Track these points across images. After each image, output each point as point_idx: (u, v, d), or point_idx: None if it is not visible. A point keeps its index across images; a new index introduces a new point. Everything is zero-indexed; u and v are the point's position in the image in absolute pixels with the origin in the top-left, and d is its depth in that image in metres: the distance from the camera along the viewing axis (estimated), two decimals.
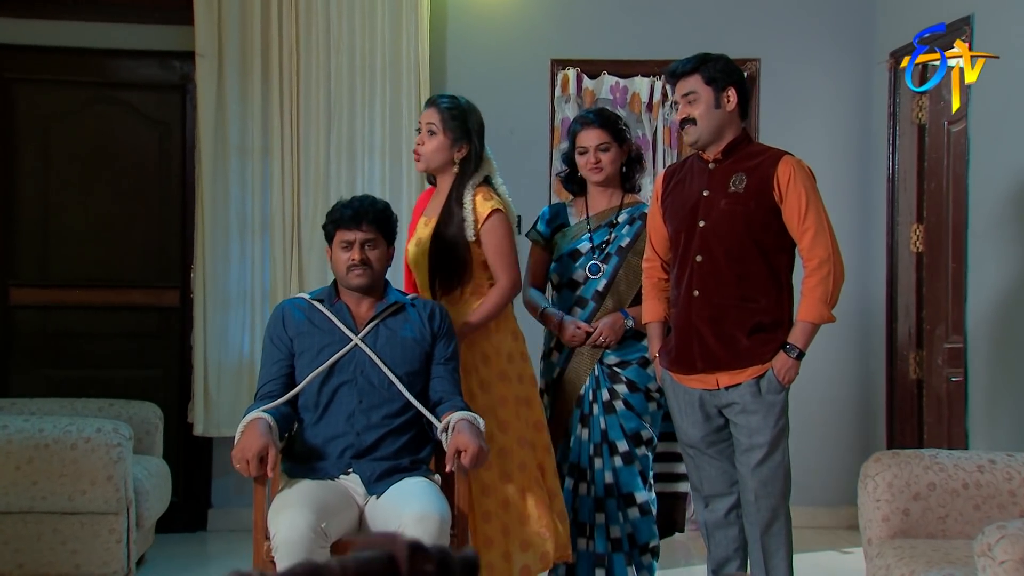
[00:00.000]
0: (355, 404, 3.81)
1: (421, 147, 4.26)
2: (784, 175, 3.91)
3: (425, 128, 4.25)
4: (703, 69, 4.01)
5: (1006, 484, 3.68)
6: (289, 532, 3.41)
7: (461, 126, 4.23)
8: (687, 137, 4.05)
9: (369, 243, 3.90)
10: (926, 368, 6.08)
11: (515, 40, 6.39)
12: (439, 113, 4.24)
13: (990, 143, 5.19)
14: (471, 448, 3.55)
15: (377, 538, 1.11)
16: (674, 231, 4.10)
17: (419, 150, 4.27)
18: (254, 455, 3.52)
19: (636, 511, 4.34)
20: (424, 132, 4.26)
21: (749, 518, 4.05)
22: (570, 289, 4.47)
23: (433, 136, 4.23)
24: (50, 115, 6.30)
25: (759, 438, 3.95)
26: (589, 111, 4.70)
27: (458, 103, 4.28)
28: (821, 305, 3.88)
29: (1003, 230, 5.05)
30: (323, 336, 3.88)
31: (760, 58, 6.35)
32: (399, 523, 3.46)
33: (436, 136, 4.23)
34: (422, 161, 4.28)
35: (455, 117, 4.23)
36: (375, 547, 1.11)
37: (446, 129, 4.22)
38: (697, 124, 3.98)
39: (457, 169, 4.25)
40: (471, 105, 4.33)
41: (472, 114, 4.29)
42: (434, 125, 4.23)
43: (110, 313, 6.33)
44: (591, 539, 4.36)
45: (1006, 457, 3.75)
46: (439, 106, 4.27)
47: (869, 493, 3.77)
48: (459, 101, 4.30)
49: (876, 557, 3.64)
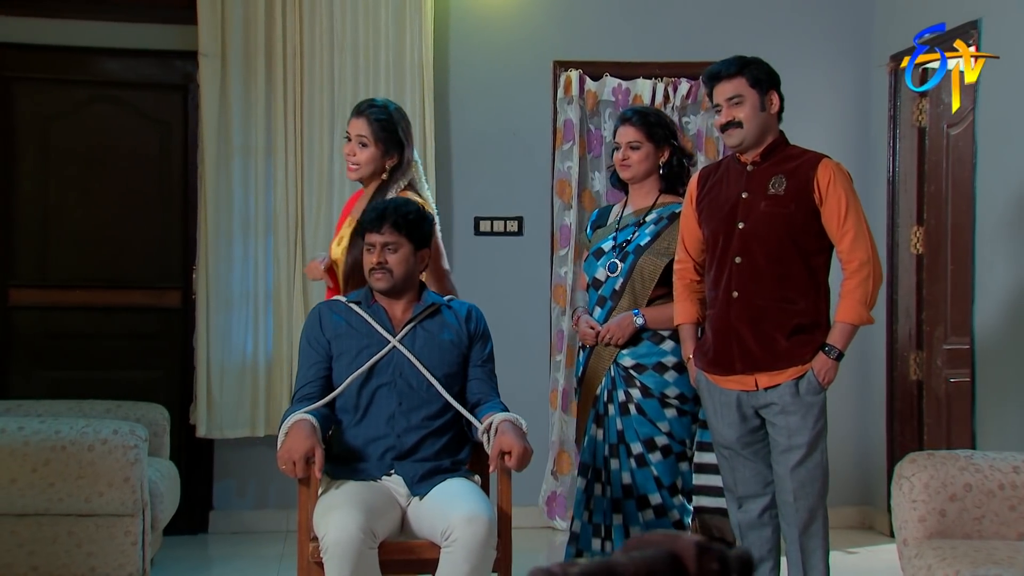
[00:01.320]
0: (395, 406, 3.81)
1: (353, 158, 4.29)
2: (824, 178, 3.94)
3: (356, 139, 4.28)
4: (748, 72, 4.02)
5: None
6: (339, 533, 3.41)
7: (392, 136, 4.27)
8: (730, 140, 4.05)
9: (390, 246, 3.89)
10: (926, 369, 6.16)
11: (518, 42, 6.42)
12: (369, 125, 4.27)
13: (997, 146, 5.27)
14: (516, 449, 3.58)
15: (656, 537, 1.11)
16: (711, 233, 4.11)
17: (352, 161, 4.31)
18: (301, 456, 3.52)
19: (651, 513, 4.34)
20: (355, 143, 4.29)
21: (787, 519, 4.07)
22: (595, 288, 4.50)
23: (365, 148, 4.27)
24: (50, 115, 6.25)
25: (798, 439, 3.98)
26: (631, 109, 4.70)
27: (388, 112, 4.30)
28: (861, 307, 3.92)
29: (1012, 232, 5.13)
30: (361, 338, 3.88)
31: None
32: (447, 524, 3.47)
33: (368, 148, 4.27)
34: (356, 172, 4.33)
35: (385, 128, 4.27)
36: (655, 546, 1.11)
37: (377, 140, 4.26)
38: (743, 127, 4.00)
39: (387, 176, 4.30)
40: (400, 112, 4.37)
41: (401, 122, 4.32)
42: (365, 137, 4.27)
43: (111, 314, 6.28)
44: (607, 540, 4.37)
45: None
46: (369, 118, 4.28)
47: (905, 494, 3.79)
48: (389, 109, 4.32)
49: (915, 558, 3.66)
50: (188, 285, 6.24)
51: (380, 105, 4.34)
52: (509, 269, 6.29)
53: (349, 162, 4.33)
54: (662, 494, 4.33)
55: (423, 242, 3.97)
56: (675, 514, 4.35)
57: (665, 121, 4.53)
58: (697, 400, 4.34)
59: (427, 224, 3.99)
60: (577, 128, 6.34)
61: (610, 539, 4.37)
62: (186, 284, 6.26)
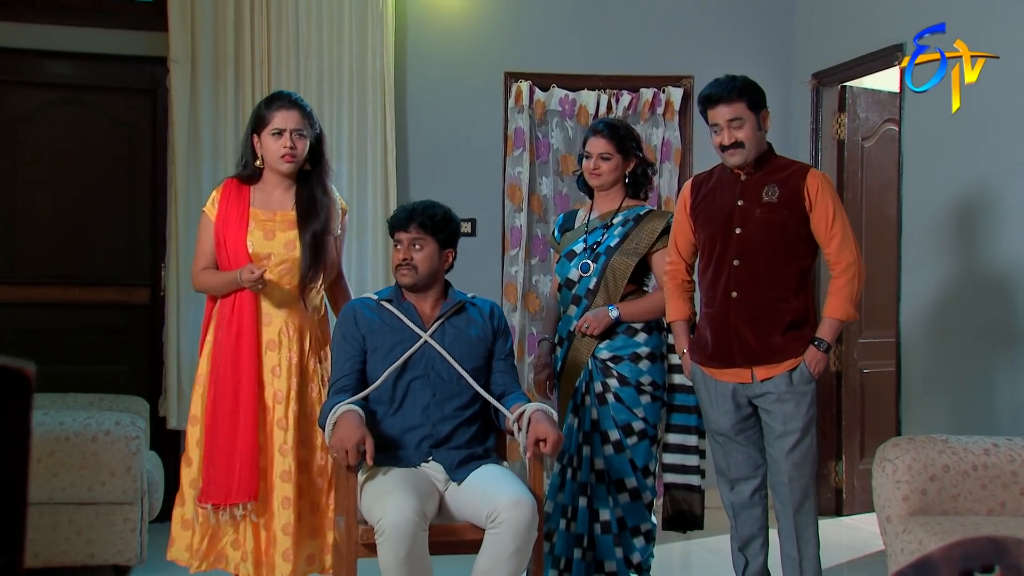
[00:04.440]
0: (429, 397, 4.08)
1: (295, 149, 4.37)
2: (813, 186, 4.31)
3: (294, 131, 4.36)
4: (747, 96, 4.34)
5: (1009, 465, 4.14)
6: (396, 516, 3.62)
7: (316, 127, 4.47)
8: (732, 159, 4.37)
9: (416, 244, 4.18)
10: (844, 361, 6.75)
11: (472, 54, 6.79)
12: (305, 117, 4.42)
13: (921, 156, 5.82)
14: (552, 437, 3.86)
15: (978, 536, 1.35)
16: (708, 237, 4.45)
17: (294, 152, 4.37)
18: (353, 445, 3.74)
19: (626, 496, 4.61)
20: (295, 135, 4.37)
21: (781, 499, 4.42)
22: (568, 288, 4.78)
23: (303, 138, 4.40)
24: (19, 116, 6.39)
25: (792, 424, 4.34)
26: (602, 121, 4.92)
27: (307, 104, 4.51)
28: (848, 303, 4.32)
29: (936, 235, 5.68)
30: (394, 334, 4.15)
31: (693, 75, 6.87)
32: (493, 507, 3.73)
33: (304, 139, 4.40)
34: (294, 162, 4.40)
35: (312, 120, 4.46)
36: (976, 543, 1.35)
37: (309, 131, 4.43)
38: (745, 147, 4.33)
39: (308, 166, 4.47)
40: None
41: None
42: (303, 128, 4.41)
43: (79, 310, 6.44)
44: (572, 520, 4.64)
45: (1007, 441, 4.24)
46: (303, 108, 4.44)
47: (888, 475, 4.15)
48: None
49: (903, 533, 4.00)
50: (156, 282, 6.44)
51: (299, 97, 4.50)
52: (463, 268, 6.41)
53: (288, 153, 4.35)
54: (637, 477, 4.60)
55: (448, 242, 4.26)
56: (648, 495, 4.65)
57: (633, 134, 4.83)
58: (666, 387, 4.69)
59: (453, 225, 4.28)
60: (527, 136, 6.74)
61: (575, 519, 4.63)
62: (154, 281, 6.46)
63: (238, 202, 4.41)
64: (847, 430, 6.77)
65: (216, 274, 4.38)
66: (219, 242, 4.38)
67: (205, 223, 4.45)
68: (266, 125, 4.38)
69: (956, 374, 5.55)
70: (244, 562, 4.29)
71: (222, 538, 4.33)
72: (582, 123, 6.76)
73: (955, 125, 5.52)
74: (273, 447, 4.32)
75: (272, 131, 4.37)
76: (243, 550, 4.30)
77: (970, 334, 5.46)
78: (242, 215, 4.38)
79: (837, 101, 6.81)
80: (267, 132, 4.38)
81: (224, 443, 4.26)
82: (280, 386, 4.34)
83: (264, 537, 4.32)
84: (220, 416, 4.29)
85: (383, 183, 6.50)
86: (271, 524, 4.29)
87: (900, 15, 5.96)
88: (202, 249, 4.44)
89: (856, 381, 6.82)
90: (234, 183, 4.46)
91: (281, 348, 4.36)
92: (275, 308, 4.37)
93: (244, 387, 4.29)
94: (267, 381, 4.34)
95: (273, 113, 4.37)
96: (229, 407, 4.28)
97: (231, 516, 4.26)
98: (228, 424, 4.28)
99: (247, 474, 4.24)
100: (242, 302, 4.33)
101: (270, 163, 4.42)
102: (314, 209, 4.41)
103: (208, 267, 4.42)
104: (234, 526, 4.31)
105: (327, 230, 4.43)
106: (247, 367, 4.29)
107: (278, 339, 4.36)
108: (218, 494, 4.24)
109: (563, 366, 4.78)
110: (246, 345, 4.31)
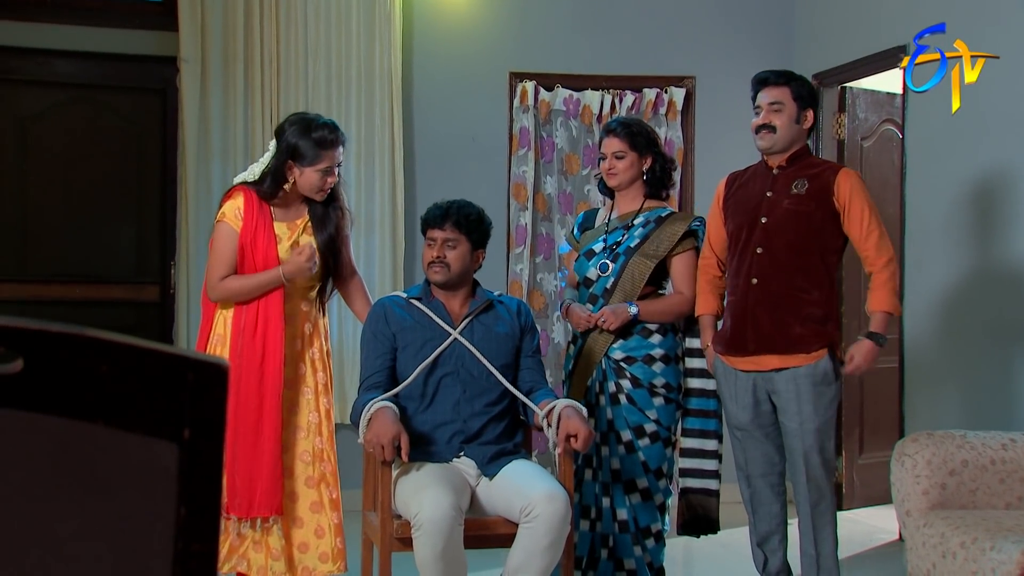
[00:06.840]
0: (459, 393, 4.14)
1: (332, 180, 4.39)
2: (845, 185, 4.37)
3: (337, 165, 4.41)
4: (794, 84, 4.41)
5: None
6: (433, 511, 3.68)
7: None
8: (762, 142, 4.43)
9: (450, 242, 4.22)
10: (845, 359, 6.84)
11: (477, 54, 6.87)
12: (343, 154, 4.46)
13: (924, 156, 5.93)
14: (583, 432, 3.93)
15: None
16: (736, 227, 4.51)
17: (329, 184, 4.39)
18: (389, 441, 3.79)
19: (637, 496, 4.63)
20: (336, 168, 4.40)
21: (800, 496, 4.47)
22: (586, 286, 4.79)
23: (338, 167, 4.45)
24: (30, 115, 6.42)
25: (809, 424, 4.38)
26: (615, 120, 4.91)
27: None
28: (894, 296, 4.38)
29: (939, 235, 5.79)
30: (424, 331, 4.21)
31: (695, 76, 6.97)
32: (527, 501, 3.79)
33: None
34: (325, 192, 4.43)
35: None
36: None
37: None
38: (776, 132, 4.40)
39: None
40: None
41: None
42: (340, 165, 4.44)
43: (89, 308, 6.46)
44: (598, 520, 4.65)
45: (1023, 436, 4.36)
46: (344, 140, 4.42)
47: (908, 470, 4.20)
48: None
49: (924, 527, 4.07)
50: (166, 280, 6.48)
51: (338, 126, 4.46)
52: None
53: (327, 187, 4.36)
54: (648, 478, 4.62)
55: (480, 242, 4.31)
56: (659, 497, 4.66)
57: (647, 130, 4.82)
58: (681, 389, 4.69)
59: (486, 225, 4.33)
60: (532, 135, 6.82)
61: (600, 519, 4.65)
62: (164, 279, 6.50)
63: (261, 215, 4.34)
64: (847, 426, 6.87)
65: (246, 277, 4.29)
66: (244, 254, 4.30)
67: (228, 232, 4.31)
68: (313, 162, 4.30)
69: (961, 370, 5.66)
70: (276, 561, 4.29)
71: (244, 541, 4.32)
72: (586, 123, 6.85)
73: (956, 125, 5.63)
74: (295, 457, 4.33)
75: (319, 169, 4.31)
76: (272, 550, 4.28)
77: (975, 330, 5.57)
78: (268, 229, 4.33)
79: (837, 101, 6.91)
80: (313, 168, 4.30)
81: (246, 456, 4.22)
82: (304, 391, 4.37)
83: (296, 537, 4.33)
84: (242, 430, 4.22)
85: (390, 182, 6.57)
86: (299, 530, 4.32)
87: (902, 17, 6.07)
88: (222, 259, 4.30)
89: (856, 377, 6.88)
90: (254, 197, 4.36)
91: (304, 355, 4.37)
92: (292, 315, 4.35)
93: (268, 398, 4.24)
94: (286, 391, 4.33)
95: (324, 152, 4.30)
96: (253, 420, 4.22)
97: (253, 527, 4.26)
98: (251, 437, 4.22)
99: (270, 486, 4.21)
100: (267, 311, 4.28)
101: (304, 191, 4.37)
102: (328, 217, 4.42)
103: (229, 276, 4.32)
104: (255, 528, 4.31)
105: (341, 236, 4.47)
106: (271, 379, 4.24)
107: (299, 346, 4.37)
108: (241, 507, 4.22)
109: (576, 362, 4.78)
110: (271, 357, 4.25)
